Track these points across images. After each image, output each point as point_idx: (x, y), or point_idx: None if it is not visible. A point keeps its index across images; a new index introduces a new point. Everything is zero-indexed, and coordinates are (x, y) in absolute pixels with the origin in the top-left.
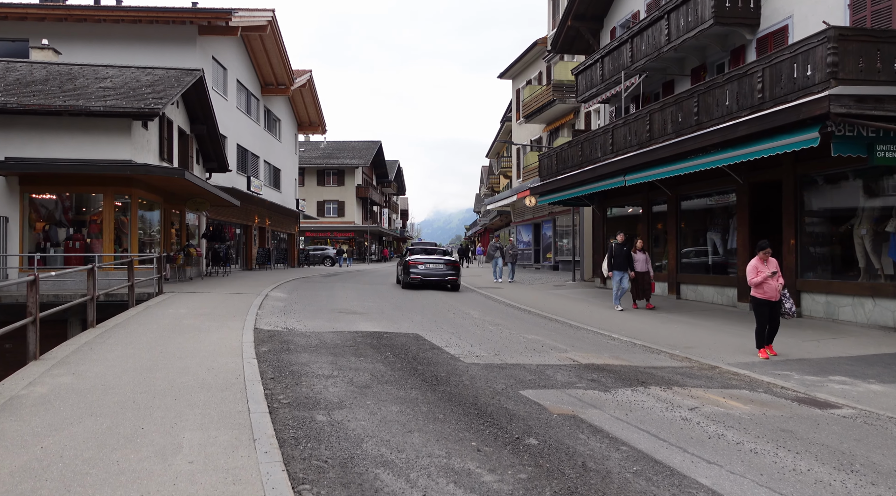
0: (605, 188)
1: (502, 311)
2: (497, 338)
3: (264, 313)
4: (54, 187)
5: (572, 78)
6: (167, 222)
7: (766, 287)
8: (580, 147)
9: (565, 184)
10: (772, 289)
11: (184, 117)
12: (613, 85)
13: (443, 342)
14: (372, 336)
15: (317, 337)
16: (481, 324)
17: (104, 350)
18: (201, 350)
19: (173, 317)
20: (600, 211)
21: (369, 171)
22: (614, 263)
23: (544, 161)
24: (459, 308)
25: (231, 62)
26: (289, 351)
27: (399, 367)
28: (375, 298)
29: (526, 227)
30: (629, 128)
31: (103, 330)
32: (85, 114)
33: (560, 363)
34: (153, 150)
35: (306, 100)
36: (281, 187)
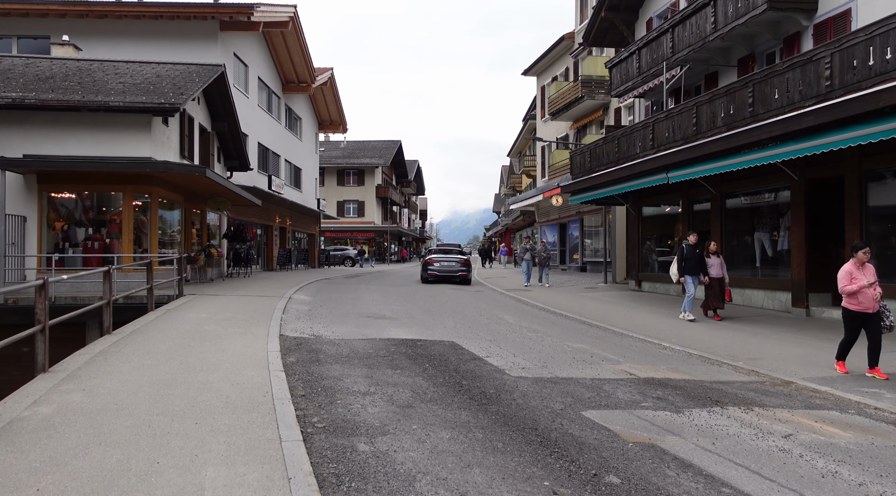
0: (644, 186)
1: (537, 316)
2: (539, 346)
3: (289, 318)
4: (73, 185)
5: (601, 73)
6: (188, 222)
7: (861, 297)
8: (616, 143)
9: (600, 182)
10: (868, 300)
11: (205, 114)
12: (651, 78)
13: (482, 351)
14: (406, 344)
15: (347, 345)
16: (519, 331)
17: (119, 361)
18: (224, 361)
19: (194, 322)
20: (635, 210)
21: (389, 170)
22: (686, 267)
23: (576, 158)
24: (492, 312)
25: (252, 59)
26: (318, 362)
27: (441, 382)
28: (402, 301)
29: (551, 227)
30: (672, 122)
31: (120, 336)
32: (104, 109)
33: (616, 377)
34: (174, 148)
35: (327, 98)
36: (302, 187)
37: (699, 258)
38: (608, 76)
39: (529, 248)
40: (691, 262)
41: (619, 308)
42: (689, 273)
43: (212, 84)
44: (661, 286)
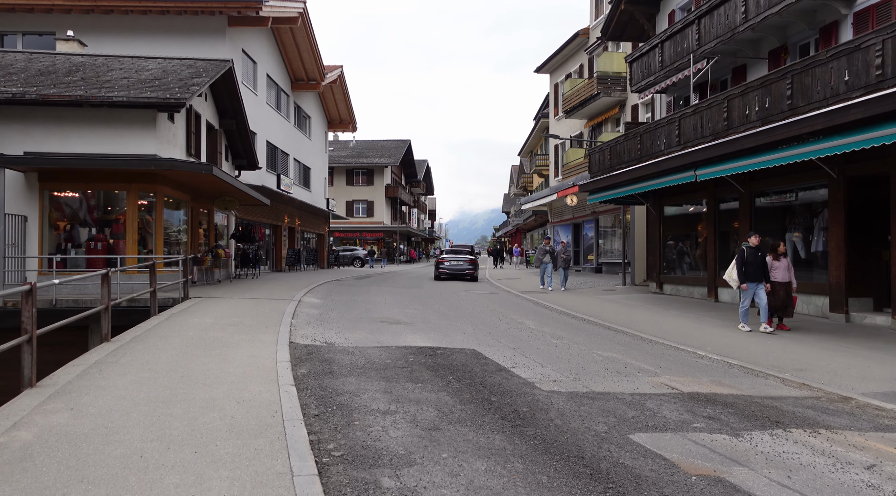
0: (670, 184)
1: (559, 321)
2: (566, 355)
3: (299, 323)
4: (75, 184)
5: (617, 69)
6: (195, 222)
7: None
8: (639, 140)
9: (621, 180)
10: None
11: (212, 111)
12: (675, 72)
13: (507, 361)
14: (424, 353)
15: (362, 354)
16: (542, 337)
17: (115, 373)
18: (230, 373)
19: (198, 327)
20: (656, 210)
21: (398, 170)
22: (747, 272)
23: (595, 156)
24: (511, 316)
25: (261, 56)
26: (332, 374)
27: (468, 398)
28: (417, 305)
29: (564, 227)
30: (700, 117)
31: (118, 344)
32: (107, 105)
33: (658, 391)
34: (180, 145)
35: (336, 96)
36: (311, 186)
37: (761, 262)
38: (625, 72)
39: (549, 248)
40: (753, 267)
41: (643, 312)
42: (751, 279)
43: (219, 80)
44: (685, 289)
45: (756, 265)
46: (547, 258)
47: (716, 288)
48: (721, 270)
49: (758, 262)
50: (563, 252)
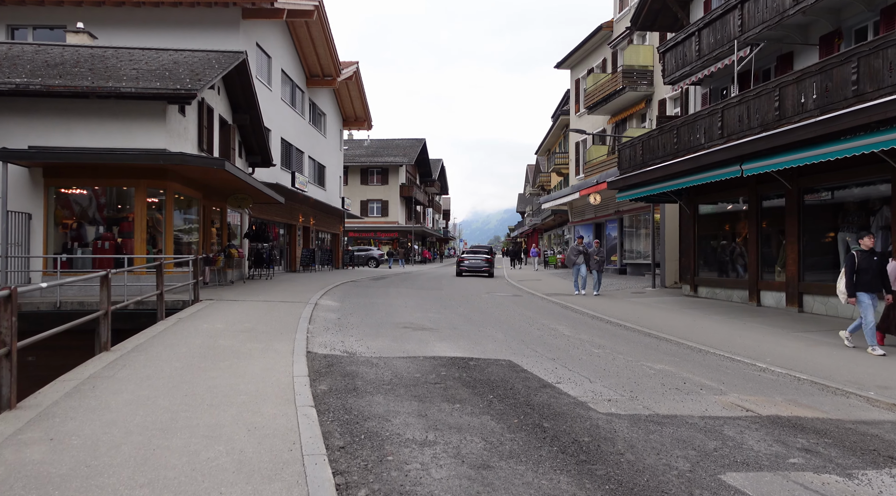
0: (711, 180)
1: (594, 327)
2: (614, 368)
3: (316, 328)
4: (81, 180)
5: (644, 63)
6: (207, 221)
7: None
8: (675, 133)
9: (654, 176)
10: None
11: (225, 105)
12: (713, 61)
13: (550, 375)
14: (456, 365)
15: (387, 366)
16: (580, 346)
17: (109, 391)
18: (240, 391)
19: (208, 334)
20: (690, 208)
21: (413, 169)
22: (859, 281)
23: (625, 151)
24: (542, 322)
25: (276, 50)
26: (356, 391)
27: (516, 424)
28: (439, 308)
29: (586, 227)
30: (747, 107)
31: (118, 354)
32: (115, 96)
33: (731, 414)
34: (191, 140)
35: (352, 93)
36: (326, 185)
37: (878, 268)
38: (651, 66)
39: (582, 249)
40: (868, 275)
41: (683, 317)
42: (866, 289)
43: (233, 72)
44: (723, 292)
45: (871, 272)
46: (580, 259)
47: (758, 291)
48: (763, 272)
49: (873, 269)
50: (596, 252)
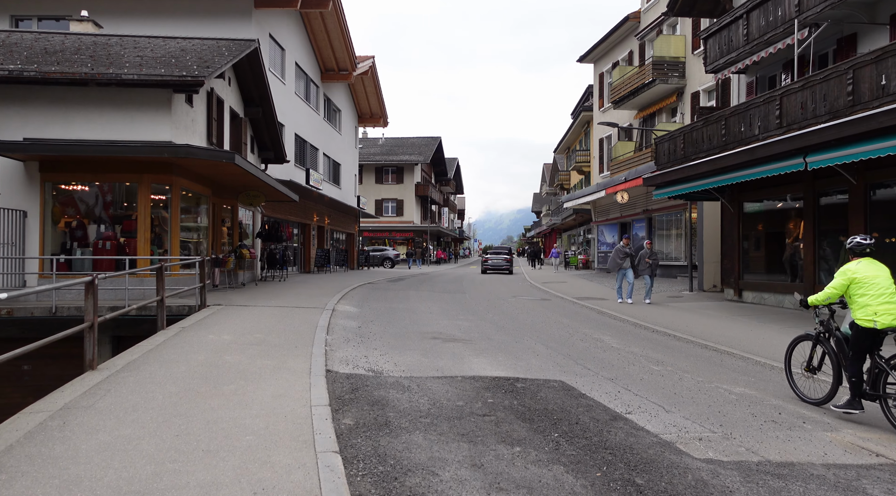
0: (768, 175)
1: (642, 337)
2: (685, 391)
3: (336, 340)
4: (80, 174)
5: (675, 54)
6: (217, 219)
7: None
8: (723, 124)
9: (699, 171)
10: None
11: (236, 97)
12: (763, 46)
13: (615, 401)
14: (501, 387)
15: (421, 389)
16: (636, 362)
17: (83, 430)
18: (246, 428)
19: (212, 348)
20: (733, 206)
21: (428, 168)
22: None
23: (664, 145)
24: (582, 330)
25: (290, 43)
26: (388, 427)
27: (600, 479)
28: (466, 314)
29: (610, 226)
30: (812, 92)
31: (105, 375)
32: (116, 83)
33: (860, 461)
34: (199, 132)
35: (368, 89)
36: (340, 183)
37: None
38: (683, 57)
39: (629, 250)
40: None
41: (736, 325)
42: None
43: (244, 61)
44: (772, 297)
45: None
46: (627, 263)
47: None
48: (821, 275)
49: None
50: (648, 255)
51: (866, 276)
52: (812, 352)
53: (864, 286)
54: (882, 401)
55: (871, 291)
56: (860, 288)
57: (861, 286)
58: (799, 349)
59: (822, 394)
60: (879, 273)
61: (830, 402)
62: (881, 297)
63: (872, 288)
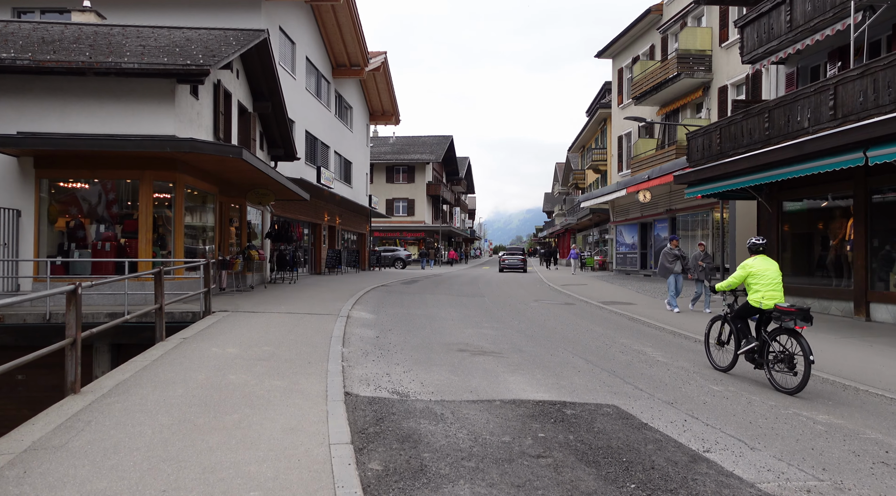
0: (821, 170)
1: (686, 348)
2: (760, 419)
3: (353, 353)
4: (77, 170)
5: (701, 47)
6: (225, 219)
7: None
8: (766, 117)
9: (738, 168)
10: None
11: (245, 91)
12: (808, 33)
13: (687, 435)
14: (549, 415)
15: (457, 418)
16: (689, 379)
17: (45, 484)
18: (251, 480)
19: (215, 365)
20: (772, 205)
21: (439, 167)
22: None
23: (698, 141)
24: (619, 340)
25: (300, 36)
26: (425, 475)
27: None
28: (490, 321)
29: (629, 227)
30: (873, 80)
31: (87, 401)
32: (115, 73)
33: None
34: (205, 126)
35: (379, 86)
36: (352, 182)
37: None
38: (710, 50)
39: (679, 253)
40: None
41: None
42: None
43: (253, 52)
44: (816, 303)
45: None
46: (677, 266)
47: (867, 303)
48: (874, 280)
49: None
50: (701, 257)
51: (759, 270)
52: (721, 329)
53: (757, 277)
54: (766, 367)
55: (761, 281)
56: (754, 279)
57: (755, 277)
58: (714, 327)
59: (727, 364)
60: (769, 267)
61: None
62: (768, 286)
63: (763, 278)
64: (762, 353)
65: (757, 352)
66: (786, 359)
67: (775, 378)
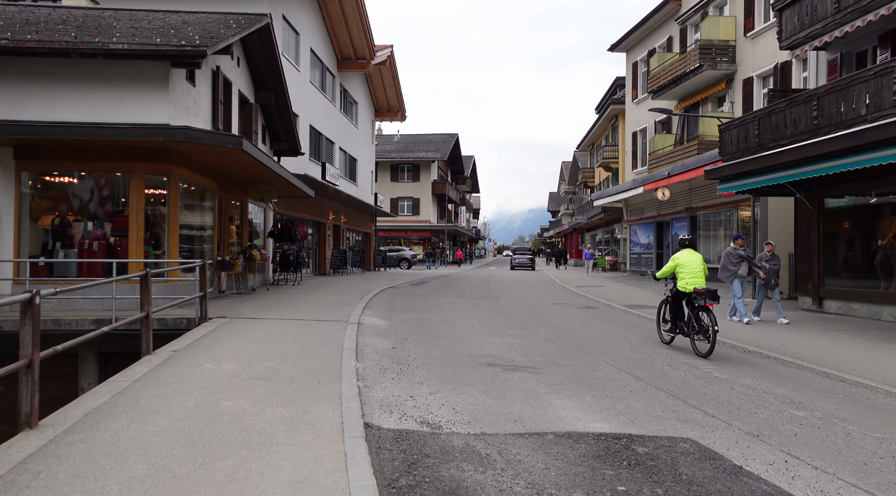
0: (884, 162)
1: (737, 359)
2: (874, 456)
3: (369, 369)
4: (62, 162)
5: (725, 37)
6: (224, 216)
7: None
8: (814, 105)
9: (782, 161)
10: None
11: (246, 80)
12: (859, 14)
13: (800, 484)
14: (616, 454)
15: (507, 461)
16: (763, 401)
17: None
18: None
19: (208, 386)
20: (811, 202)
21: (445, 166)
22: None
23: (732, 133)
24: (660, 350)
25: (304, 27)
26: None
27: None
28: (513, 327)
29: (644, 226)
30: None
31: (44, 440)
32: (102, 54)
33: None
34: (202, 116)
35: (385, 81)
36: (357, 180)
37: None
38: (733, 40)
39: (746, 254)
40: None
41: (844, 345)
42: None
43: (254, 38)
44: (865, 307)
45: None
46: (743, 269)
47: None
48: None
49: None
50: (767, 258)
51: (685, 261)
52: (664, 310)
53: (683, 267)
54: (690, 337)
55: (686, 270)
56: (681, 268)
57: (682, 267)
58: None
59: (669, 338)
60: (693, 259)
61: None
62: (691, 274)
63: (687, 268)
64: (689, 325)
65: (686, 325)
66: (702, 330)
67: (696, 347)
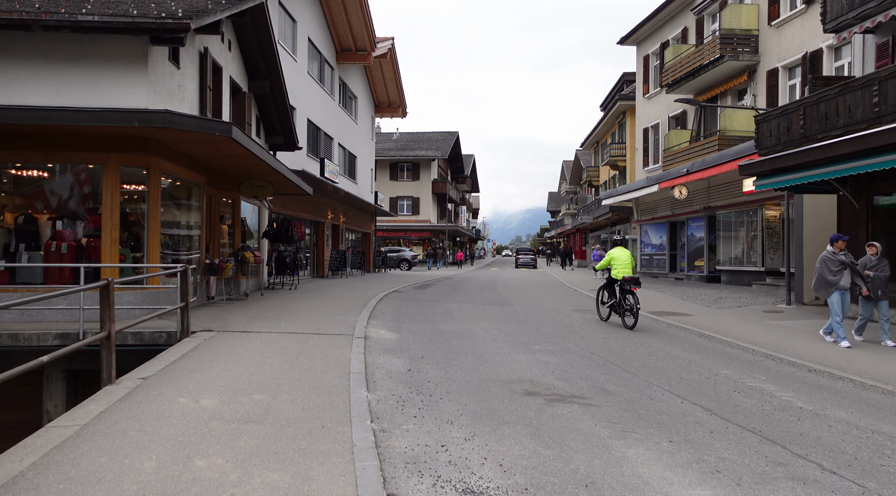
0: None
1: (809, 383)
2: None
3: (384, 404)
4: (24, 152)
5: (747, 26)
6: (214, 215)
7: None
8: (875, 89)
9: (835, 154)
10: None
11: (239, 67)
12: None
13: None
14: None
15: None
16: (875, 445)
17: None
18: None
19: (178, 434)
20: (858, 200)
21: (445, 165)
22: None
23: (771, 124)
24: (716, 370)
25: (302, 14)
26: None
27: None
28: (541, 341)
29: (656, 226)
30: None
31: None
32: (69, 27)
33: None
34: (188, 102)
35: (386, 75)
36: (356, 178)
37: None
38: (756, 29)
39: (849, 260)
40: None
41: None
42: None
43: (247, 20)
44: None
45: None
46: (845, 279)
47: None
48: None
49: None
50: (872, 265)
51: (617, 256)
52: (601, 293)
53: (616, 261)
54: (621, 315)
55: (618, 263)
56: (614, 262)
57: (615, 261)
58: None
59: (605, 316)
60: (623, 254)
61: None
62: (621, 266)
63: (619, 261)
64: (620, 305)
65: (617, 305)
66: (628, 309)
67: (625, 321)
